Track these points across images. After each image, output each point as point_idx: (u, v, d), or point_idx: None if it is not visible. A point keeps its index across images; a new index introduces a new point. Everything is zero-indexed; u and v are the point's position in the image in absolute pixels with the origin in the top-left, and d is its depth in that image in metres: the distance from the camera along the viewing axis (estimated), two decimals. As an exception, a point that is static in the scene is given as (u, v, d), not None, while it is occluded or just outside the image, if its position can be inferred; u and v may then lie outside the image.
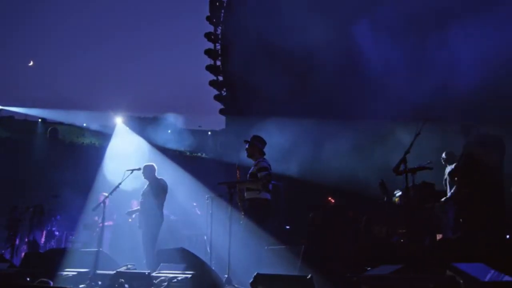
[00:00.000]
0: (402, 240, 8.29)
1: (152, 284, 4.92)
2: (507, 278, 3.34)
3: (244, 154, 7.05)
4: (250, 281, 3.87)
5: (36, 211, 10.79)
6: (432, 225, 7.84)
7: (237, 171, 7.19)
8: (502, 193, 6.79)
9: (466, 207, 6.92)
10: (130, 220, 10.63)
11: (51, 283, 5.06)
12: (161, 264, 5.58)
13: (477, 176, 6.73)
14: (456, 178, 7.48)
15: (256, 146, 6.94)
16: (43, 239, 11.39)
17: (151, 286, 4.90)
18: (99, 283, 5.33)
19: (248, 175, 6.89)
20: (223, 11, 16.26)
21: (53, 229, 11.74)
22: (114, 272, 5.29)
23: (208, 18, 16.43)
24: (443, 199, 7.83)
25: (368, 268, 5.30)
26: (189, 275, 4.78)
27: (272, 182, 6.80)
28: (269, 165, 6.83)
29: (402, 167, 5.48)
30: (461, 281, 3.05)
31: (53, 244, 11.61)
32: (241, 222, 6.62)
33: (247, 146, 6.95)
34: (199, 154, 21.23)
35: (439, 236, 7.80)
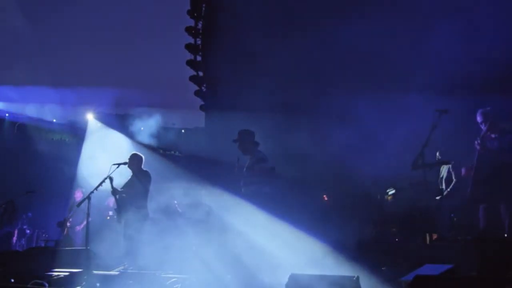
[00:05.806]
0: (396, 239, 8.22)
1: (165, 286, 4.53)
2: None
3: (229, 149, 6.87)
4: (285, 282, 3.61)
5: (8, 208, 10.21)
6: (426, 224, 7.75)
7: (236, 166, 6.94)
8: None
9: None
10: (108, 217, 10.26)
11: (46, 285, 4.61)
12: None
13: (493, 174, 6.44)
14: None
15: (246, 140, 6.77)
16: (15, 238, 10.81)
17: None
18: (97, 285, 4.86)
19: (245, 168, 6.69)
20: (204, 5, 15.96)
21: (24, 227, 11.29)
22: (118, 272, 4.88)
23: (189, 12, 16.09)
24: (438, 197, 7.73)
25: (383, 268, 5.11)
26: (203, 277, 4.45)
27: None
28: (266, 156, 6.67)
29: (420, 162, 5.29)
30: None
31: (23, 242, 11.12)
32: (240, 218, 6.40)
33: (238, 144, 6.78)
34: (173, 152, 20.80)
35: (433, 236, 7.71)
